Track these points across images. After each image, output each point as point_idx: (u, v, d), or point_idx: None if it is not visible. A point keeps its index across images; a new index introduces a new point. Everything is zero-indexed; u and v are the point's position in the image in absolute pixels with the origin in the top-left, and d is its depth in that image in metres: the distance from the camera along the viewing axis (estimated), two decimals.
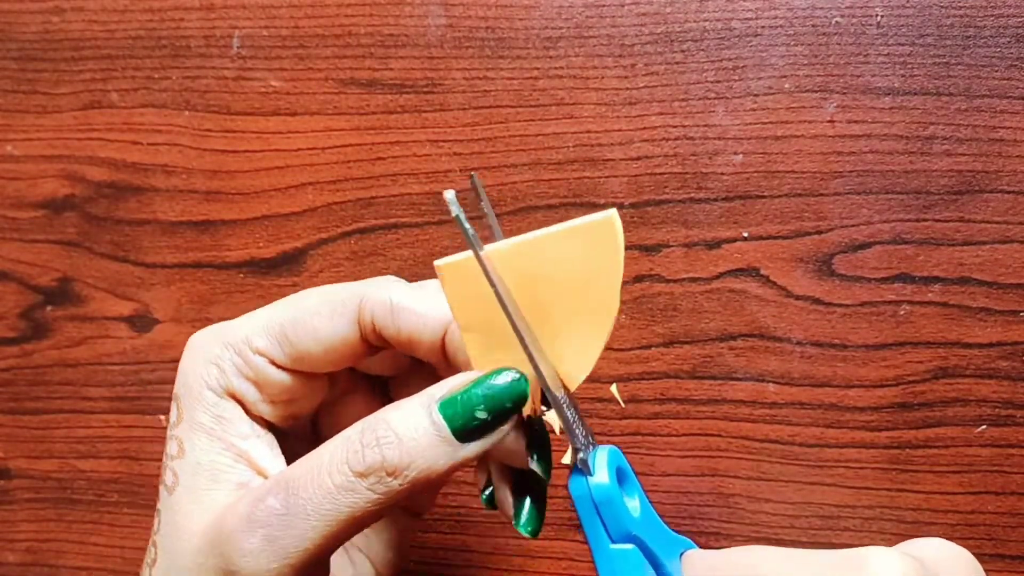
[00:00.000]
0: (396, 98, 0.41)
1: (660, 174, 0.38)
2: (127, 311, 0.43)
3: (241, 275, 0.42)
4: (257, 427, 0.28)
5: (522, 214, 0.39)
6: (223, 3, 0.42)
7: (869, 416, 0.37)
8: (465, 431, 0.24)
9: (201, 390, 0.27)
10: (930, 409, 0.37)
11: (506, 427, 0.25)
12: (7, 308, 0.45)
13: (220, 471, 0.27)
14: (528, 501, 0.27)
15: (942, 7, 0.36)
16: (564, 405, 0.25)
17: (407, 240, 0.41)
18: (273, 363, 0.27)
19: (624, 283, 0.39)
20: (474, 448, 0.24)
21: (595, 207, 0.39)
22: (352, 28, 0.41)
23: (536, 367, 0.24)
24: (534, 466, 0.26)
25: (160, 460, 0.28)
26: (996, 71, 0.36)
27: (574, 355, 0.25)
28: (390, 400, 0.31)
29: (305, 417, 0.30)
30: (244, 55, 0.42)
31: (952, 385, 0.37)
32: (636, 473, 0.38)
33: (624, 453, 0.39)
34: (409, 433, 0.24)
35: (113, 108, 0.43)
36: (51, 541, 0.45)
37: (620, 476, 0.26)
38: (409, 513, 0.33)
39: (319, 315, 0.27)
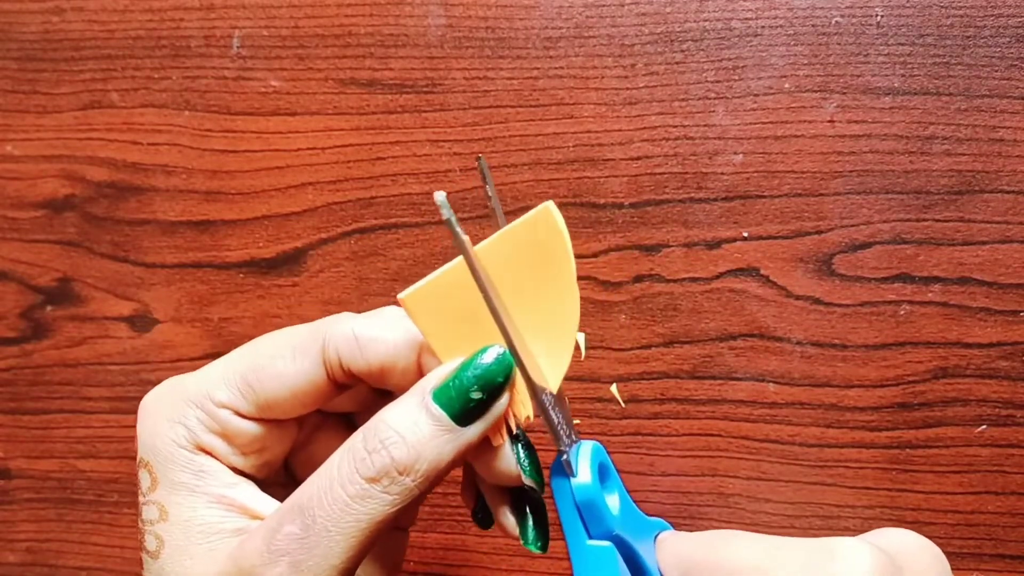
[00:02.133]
0: (396, 98, 0.41)
1: (660, 174, 0.38)
2: (127, 311, 0.43)
3: (241, 275, 0.42)
4: (237, 475, 0.27)
5: (522, 214, 0.39)
6: (223, 3, 0.42)
7: (869, 416, 0.37)
8: (463, 414, 0.24)
9: (172, 450, 0.26)
10: (930, 409, 0.37)
11: (502, 403, 0.25)
12: (7, 308, 0.45)
13: (212, 524, 0.26)
14: (531, 518, 0.27)
15: (942, 7, 0.36)
16: (549, 406, 0.25)
17: (407, 240, 0.41)
18: (239, 414, 0.27)
19: (624, 283, 0.39)
20: (475, 430, 0.25)
21: (595, 207, 0.39)
22: (352, 28, 0.41)
23: (523, 369, 0.24)
24: (527, 481, 0.26)
25: None
26: (996, 71, 0.36)
27: (549, 357, 0.25)
28: None
29: (278, 463, 0.30)
30: (244, 55, 0.42)
31: (952, 385, 0.37)
32: (635, 473, 0.38)
33: (624, 453, 0.39)
34: (411, 428, 0.24)
35: (113, 108, 0.43)
36: (51, 541, 0.45)
37: (602, 472, 0.27)
38: (395, 528, 0.33)
39: (281, 358, 0.27)
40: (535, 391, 0.25)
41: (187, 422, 0.26)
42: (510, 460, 0.26)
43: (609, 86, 0.39)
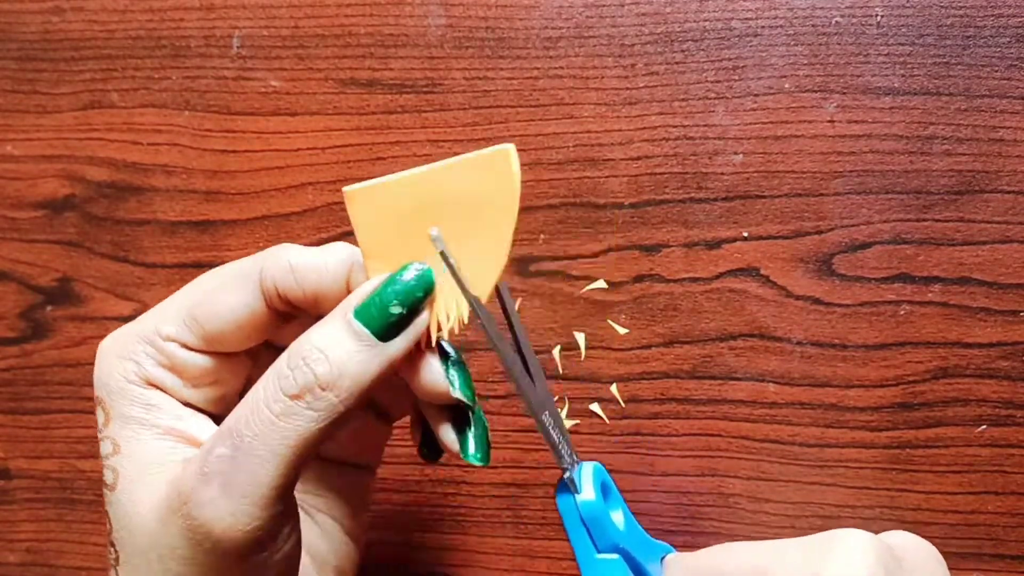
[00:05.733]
0: (396, 98, 0.41)
1: (660, 174, 0.38)
2: (127, 311, 0.43)
3: None
4: (190, 409, 0.28)
5: (522, 214, 0.39)
6: (223, 3, 0.42)
7: (869, 416, 0.37)
8: (385, 329, 0.25)
9: (122, 385, 0.27)
10: (930, 409, 0.37)
11: (423, 318, 0.26)
12: (7, 308, 0.45)
13: (163, 454, 0.27)
14: (470, 431, 0.27)
15: (942, 7, 0.36)
16: (549, 427, 0.26)
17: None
18: (186, 347, 0.27)
19: (624, 283, 0.39)
20: (397, 344, 0.25)
21: (595, 207, 0.39)
22: (352, 28, 0.41)
23: (457, 278, 0.26)
24: (457, 394, 0.26)
25: None
26: (996, 71, 0.36)
27: (478, 271, 0.26)
28: None
29: (233, 398, 0.30)
30: (244, 55, 0.42)
31: (952, 385, 0.37)
32: (636, 473, 0.38)
33: (624, 453, 0.39)
34: (333, 345, 0.25)
35: (113, 108, 0.43)
36: (51, 541, 0.45)
37: (604, 491, 0.27)
38: (360, 467, 0.33)
39: (222, 290, 0.27)
40: (524, 394, 0.26)
41: (136, 357, 0.27)
42: (438, 375, 0.26)
43: (609, 86, 0.39)
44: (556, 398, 0.39)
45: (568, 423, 0.39)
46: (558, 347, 0.39)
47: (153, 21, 0.43)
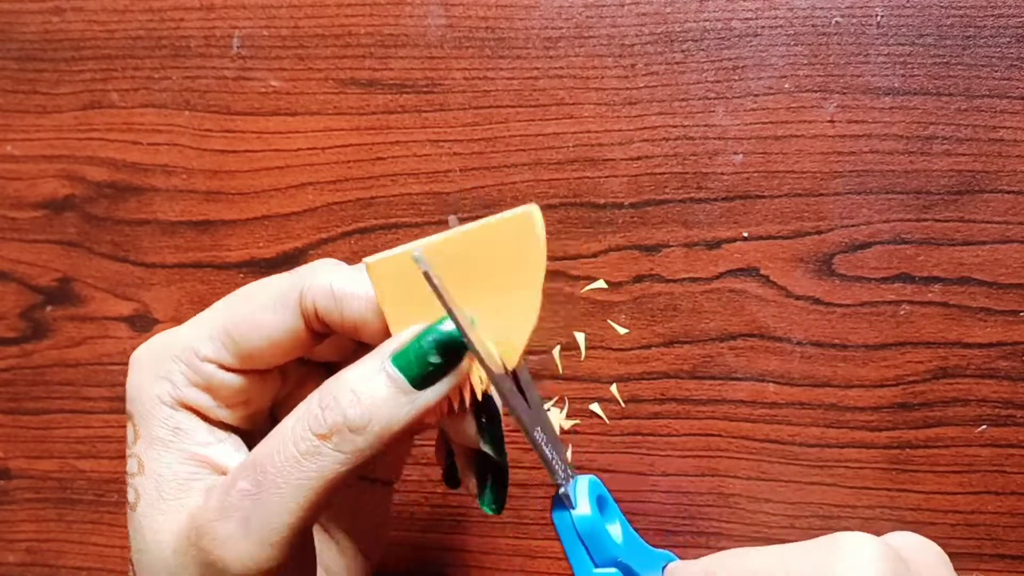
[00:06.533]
0: (396, 98, 0.41)
1: (660, 174, 0.38)
2: (127, 311, 0.43)
3: (241, 275, 0.42)
4: (218, 432, 0.28)
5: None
6: (223, 3, 0.42)
7: (869, 416, 0.37)
8: (420, 378, 0.25)
9: (154, 406, 0.27)
10: (930, 409, 0.37)
11: (459, 369, 0.25)
12: (7, 308, 0.45)
13: (184, 480, 0.27)
14: (489, 480, 0.27)
15: (942, 7, 0.36)
16: (542, 443, 0.26)
17: (407, 240, 0.41)
18: (222, 367, 0.27)
19: (624, 283, 0.39)
20: (431, 394, 0.25)
21: (595, 207, 0.39)
22: (352, 28, 0.41)
23: (477, 354, 0.25)
24: (485, 447, 0.26)
25: None
26: (996, 71, 0.36)
27: (506, 334, 0.26)
28: None
29: (263, 414, 0.30)
30: (244, 55, 0.42)
31: (952, 385, 0.37)
32: (636, 474, 0.38)
33: (624, 453, 0.39)
34: (366, 388, 0.24)
35: (113, 108, 0.43)
36: (51, 541, 0.45)
37: (601, 504, 0.27)
38: (380, 482, 0.33)
39: (261, 311, 0.27)
40: (509, 403, 0.25)
41: (172, 377, 0.27)
42: (470, 428, 0.26)
43: (609, 86, 0.39)
44: (555, 398, 0.39)
45: (568, 423, 0.39)
46: (558, 347, 0.39)
47: (153, 21, 0.43)
